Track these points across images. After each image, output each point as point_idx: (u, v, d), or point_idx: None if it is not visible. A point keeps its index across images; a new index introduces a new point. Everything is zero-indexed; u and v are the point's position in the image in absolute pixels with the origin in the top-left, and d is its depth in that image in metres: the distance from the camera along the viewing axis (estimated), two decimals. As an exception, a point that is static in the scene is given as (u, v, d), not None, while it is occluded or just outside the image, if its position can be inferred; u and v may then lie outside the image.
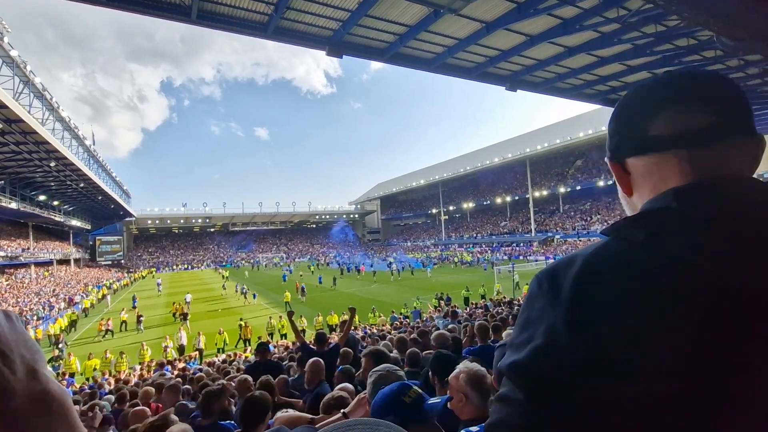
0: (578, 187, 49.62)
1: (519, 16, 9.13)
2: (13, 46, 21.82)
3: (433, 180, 70.65)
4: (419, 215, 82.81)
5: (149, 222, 71.47)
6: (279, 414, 2.23)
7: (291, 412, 2.34)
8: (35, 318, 22.60)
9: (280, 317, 17.71)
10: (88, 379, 12.04)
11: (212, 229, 79.76)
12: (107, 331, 19.48)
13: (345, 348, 5.41)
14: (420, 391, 1.23)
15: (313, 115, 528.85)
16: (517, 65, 12.42)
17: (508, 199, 59.26)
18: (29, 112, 22.82)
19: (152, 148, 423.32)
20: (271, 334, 16.83)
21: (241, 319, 17.68)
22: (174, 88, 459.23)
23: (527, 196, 54.32)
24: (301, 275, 40.11)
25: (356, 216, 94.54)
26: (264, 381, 3.35)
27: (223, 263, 65.82)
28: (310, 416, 2.17)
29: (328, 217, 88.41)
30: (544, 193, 53.43)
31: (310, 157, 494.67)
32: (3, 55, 21.75)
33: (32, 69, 24.51)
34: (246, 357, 12.34)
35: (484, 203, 64.29)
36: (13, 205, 32.45)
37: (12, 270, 37.30)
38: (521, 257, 43.90)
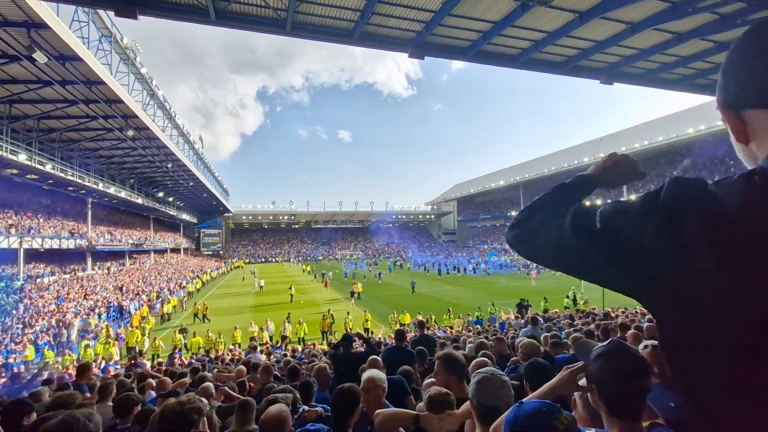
0: (685, 190, 43.50)
1: (618, 3, 8.36)
2: (143, 64, 25.65)
3: (514, 181, 67.39)
4: (497, 217, 79.73)
5: (243, 218, 79.69)
6: (378, 411, 2.16)
7: (392, 408, 2.24)
8: (156, 297, 26.31)
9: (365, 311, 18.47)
10: (193, 354, 13.73)
11: (296, 226, 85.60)
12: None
13: (420, 348, 5.48)
14: (569, 418, 1.08)
15: (393, 117, 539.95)
16: (614, 56, 11.36)
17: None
18: (153, 120, 26.64)
19: (248, 151, 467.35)
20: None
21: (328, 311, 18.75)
22: (268, 96, 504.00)
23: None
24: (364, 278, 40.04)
25: (432, 216, 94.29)
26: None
27: (306, 258, 70.31)
28: (414, 413, 2.06)
29: (404, 217, 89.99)
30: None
31: (389, 158, 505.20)
32: (135, 73, 25.67)
33: (157, 83, 28.58)
34: (323, 348, 13.05)
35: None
36: (140, 201, 38.19)
37: (136, 256, 43.95)
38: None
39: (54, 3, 11.95)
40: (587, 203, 0.83)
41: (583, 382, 1.43)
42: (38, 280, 23.70)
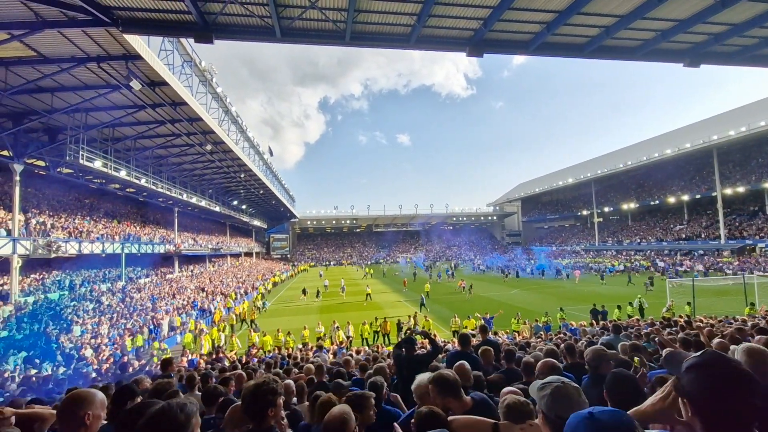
0: (796, 181, 37.43)
1: (704, -26, 7.52)
2: (219, 84, 28.00)
3: (584, 178, 62.77)
4: (566, 217, 74.97)
5: (308, 223, 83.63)
6: (453, 417, 2.08)
7: (469, 416, 2.15)
8: (235, 298, 28.47)
9: (426, 317, 18.46)
10: (266, 352, 14.60)
11: (358, 230, 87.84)
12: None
13: (486, 348, 5.30)
14: None
15: (452, 118, 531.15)
16: (701, 35, 10.20)
17: (686, 198, 48.64)
18: (228, 135, 28.93)
19: (311, 159, 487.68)
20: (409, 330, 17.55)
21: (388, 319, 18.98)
22: (329, 105, 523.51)
23: (713, 194, 43.65)
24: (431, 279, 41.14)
25: (494, 218, 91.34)
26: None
27: (368, 261, 71.86)
28: (492, 422, 1.97)
29: (465, 219, 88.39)
30: (740, 189, 41.96)
31: (449, 159, 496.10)
32: (212, 92, 28.11)
33: (230, 101, 31.04)
34: (388, 350, 13.17)
35: (651, 203, 54.23)
36: (217, 209, 41.60)
37: (215, 259, 47.95)
38: (702, 269, 35.51)
39: (145, 36, 13.55)
40: None
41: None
42: (136, 281, 26.87)
